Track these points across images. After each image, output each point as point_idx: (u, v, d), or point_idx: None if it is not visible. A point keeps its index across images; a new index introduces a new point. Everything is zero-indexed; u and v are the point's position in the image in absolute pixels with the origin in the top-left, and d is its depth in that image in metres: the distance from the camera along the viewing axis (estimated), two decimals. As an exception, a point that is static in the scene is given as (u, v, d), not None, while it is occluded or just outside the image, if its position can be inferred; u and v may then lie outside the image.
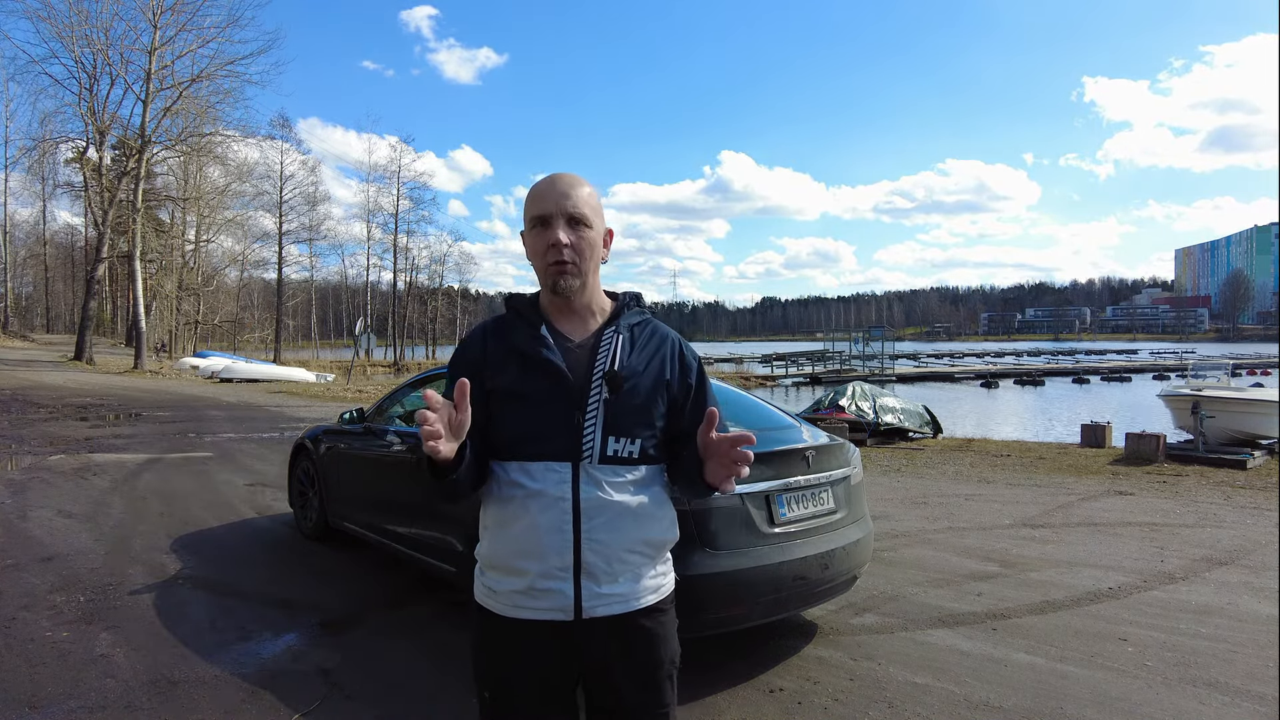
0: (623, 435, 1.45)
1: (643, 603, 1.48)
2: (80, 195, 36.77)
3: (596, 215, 1.49)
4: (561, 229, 1.45)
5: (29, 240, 59.73)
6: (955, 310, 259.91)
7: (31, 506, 6.49)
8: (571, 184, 1.48)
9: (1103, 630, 3.87)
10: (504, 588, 1.46)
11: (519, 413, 1.45)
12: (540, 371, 1.45)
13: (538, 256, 1.48)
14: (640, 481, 1.48)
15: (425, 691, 3.16)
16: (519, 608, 1.45)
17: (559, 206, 1.45)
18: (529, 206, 1.49)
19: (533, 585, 1.43)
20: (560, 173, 1.51)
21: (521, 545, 1.43)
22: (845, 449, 3.86)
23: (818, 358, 49.51)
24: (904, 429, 13.26)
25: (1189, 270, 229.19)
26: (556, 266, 1.45)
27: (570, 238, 1.45)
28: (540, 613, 1.44)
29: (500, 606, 1.47)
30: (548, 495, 1.41)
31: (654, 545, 1.50)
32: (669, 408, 1.53)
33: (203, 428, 12.39)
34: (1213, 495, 7.48)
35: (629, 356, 1.49)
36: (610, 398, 1.44)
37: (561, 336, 1.50)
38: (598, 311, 1.55)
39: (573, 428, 1.42)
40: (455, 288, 56.92)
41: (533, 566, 1.42)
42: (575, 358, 1.47)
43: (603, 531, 1.43)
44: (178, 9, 28.97)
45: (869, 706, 3.07)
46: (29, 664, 3.37)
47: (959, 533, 6.03)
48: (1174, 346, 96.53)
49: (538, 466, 1.42)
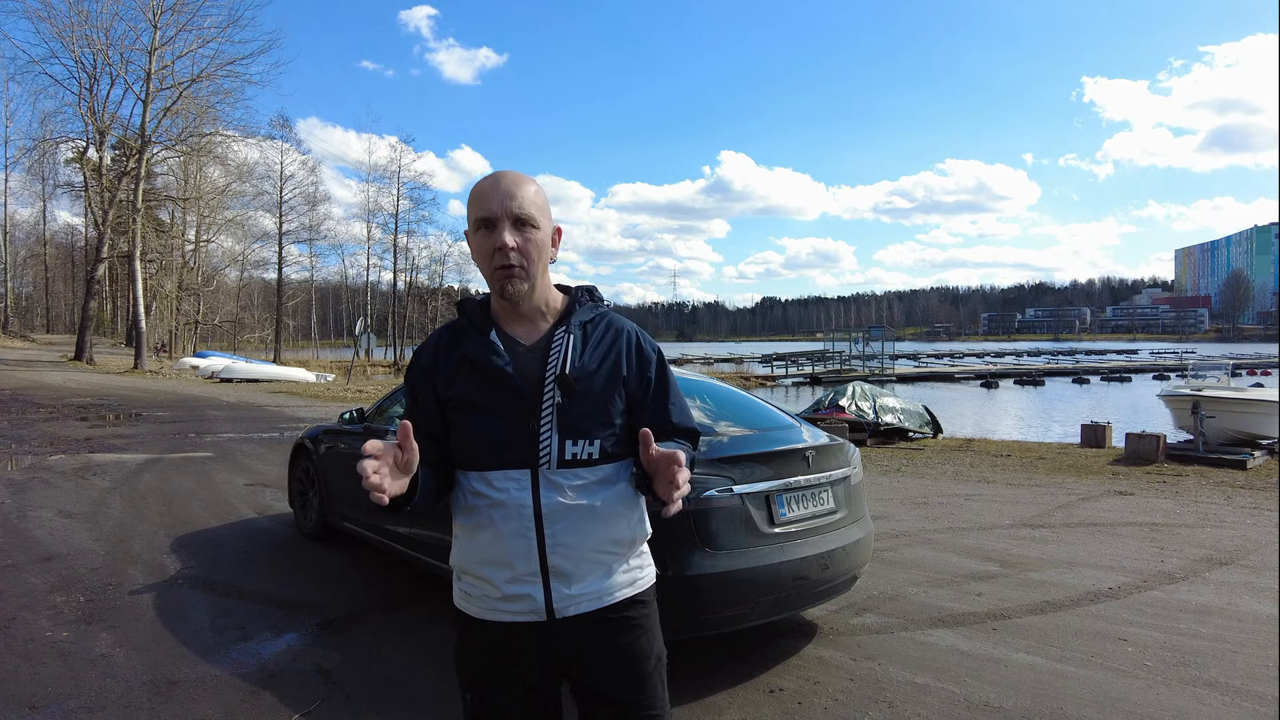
0: (580, 437, 1.42)
1: (616, 597, 1.47)
2: (80, 195, 36.80)
3: (543, 215, 1.44)
4: (507, 231, 1.39)
5: (29, 240, 59.74)
6: (955, 310, 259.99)
7: (31, 506, 6.49)
8: (516, 183, 1.42)
9: (1103, 630, 3.87)
10: (477, 592, 1.47)
11: (474, 422, 1.43)
12: (491, 379, 1.42)
13: (484, 260, 1.42)
14: (603, 480, 1.45)
15: (425, 692, 3.16)
16: (493, 611, 1.45)
17: (504, 208, 1.39)
18: (472, 207, 1.43)
19: (503, 591, 1.43)
20: (504, 170, 1.45)
21: (488, 553, 1.43)
22: (845, 449, 3.86)
23: (818, 358, 49.48)
24: (904, 429, 13.26)
25: (1189, 270, 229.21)
26: (503, 271, 1.40)
27: (516, 240, 1.39)
28: (514, 615, 1.44)
29: (476, 610, 1.48)
30: (509, 504, 1.40)
31: (622, 544, 1.48)
32: (628, 404, 1.49)
33: (203, 428, 12.39)
34: (1213, 495, 7.48)
35: (580, 356, 1.45)
36: (564, 401, 1.41)
37: (512, 341, 1.46)
38: (549, 312, 1.50)
39: (528, 434, 1.40)
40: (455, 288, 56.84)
41: (501, 574, 1.43)
42: (526, 362, 1.44)
43: (567, 535, 1.41)
44: (178, 9, 28.99)
45: (869, 707, 3.07)
46: (29, 664, 3.37)
47: (959, 533, 6.03)
48: (1174, 346, 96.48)
49: (497, 475, 1.41)
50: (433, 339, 1.53)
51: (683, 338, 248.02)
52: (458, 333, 1.50)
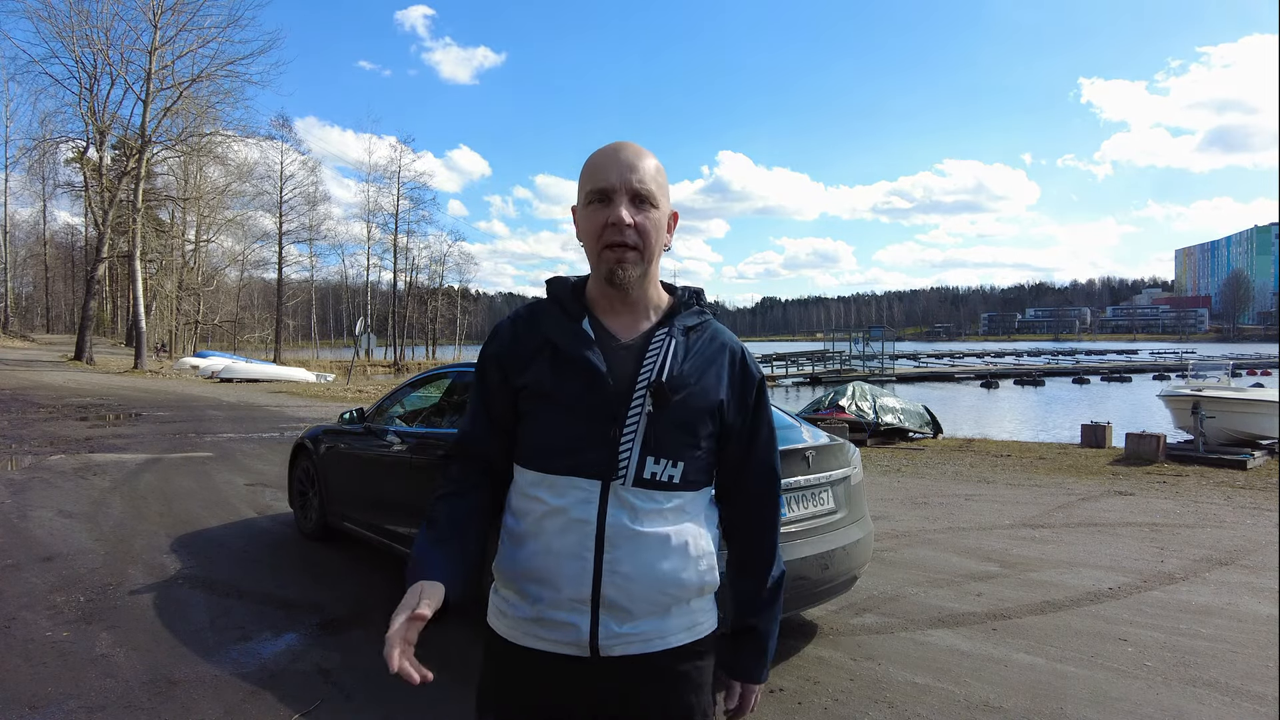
0: (664, 456, 1.25)
1: (670, 643, 1.27)
2: (80, 195, 36.77)
3: (664, 194, 1.28)
4: (625, 206, 1.23)
5: (29, 240, 59.75)
6: (955, 310, 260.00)
7: (31, 506, 6.49)
8: (638, 154, 1.26)
9: (1103, 630, 3.87)
10: (514, 612, 1.28)
11: (548, 417, 1.26)
12: (575, 372, 1.25)
13: (591, 237, 1.26)
14: (679, 509, 1.27)
15: (426, 692, 3.16)
16: (528, 635, 1.27)
17: (623, 180, 1.23)
18: (587, 178, 1.27)
19: (541, 615, 1.25)
20: (623, 141, 1.29)
21: (533, 568, 1.25)
22: (845, 449, 3.86)
23: (818, 358, 49.48)
24: (904, 429, 13.26)
25: (1189, 270, 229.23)
26: (616, 250, 1.24)
27: (635, 217, 1.23)
28: (551, 644, 1.25)
29: (509, 631, 1.29)
30: (569, 515, 1.23)
31: (687, 589, 1.28)
32: (720, 429, 1.33)
33: (203, 428, 12.38)
34: (1213, 495, 7.48)
35: (680, 364, 1.27)
36: (654, 411, 1.24)
37: (606, 334, 1.29)
38: (651, 308, 1.33)
39: (608, 441, 1.23)
40: (455, 288, 56.91)
41: (544, 594, 1.24)
42: (619, 360, 1.26)
43: (628, 564, 1.23)
44: (178, 9, 29.01)
45: (869, 707, 3.07)
46: (29, 664, 3.37)
47: (959, 533, 6.03)
48: (1174, 346, 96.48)
49: (562, 481, 1.24)
50: (510, 319, 1.36)
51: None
52: (542, 314, 1.32)
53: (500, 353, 1.33)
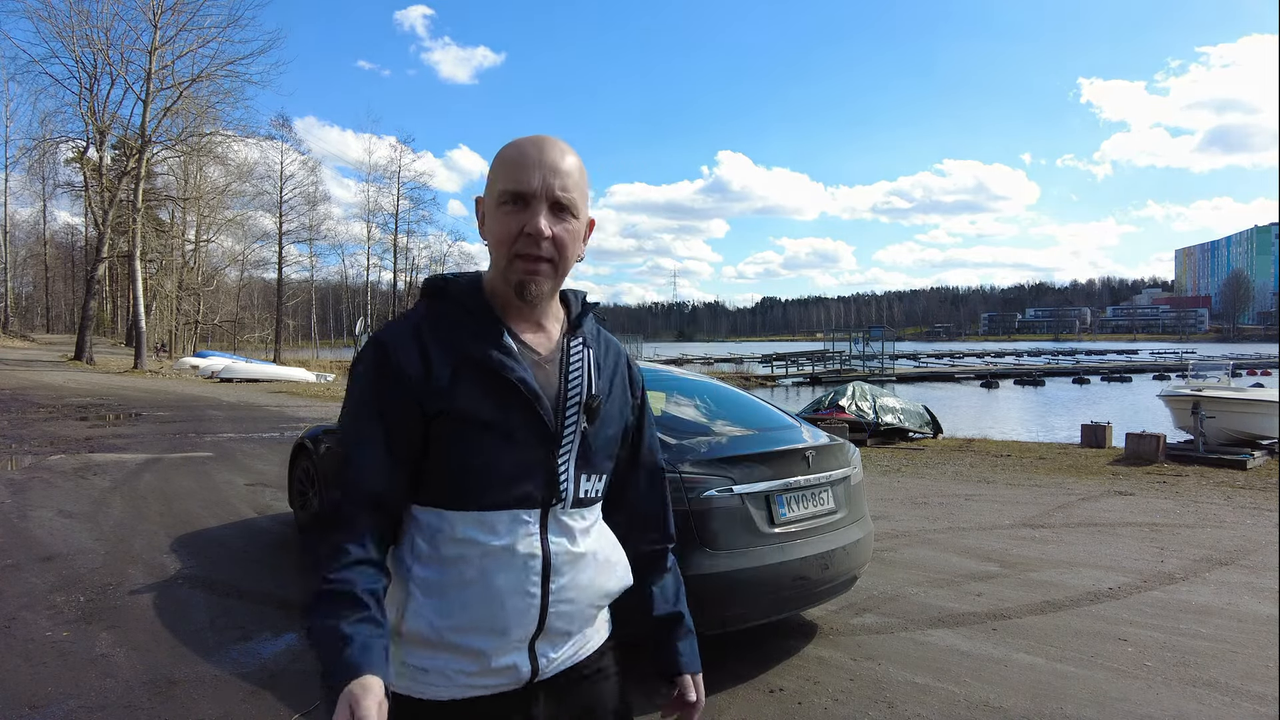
0: (594, 472, 1.20)
1: (593, 646, 1.27)
2: (80, 195, 36.77)
3: (584, 201, 1.18)
4: (544, 215, 1.12)
5: (29, 240, 59.75)
6: (955, 310, 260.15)
7: (31, 506, 6.49)
8: (562, 155, 1.15)
9: (1103, 630, 3.87)
10: (444, 667, 1.12)
11: (481, 447, 1.11)
12: (512, 394, 1.12)
13: (502, 242, 1.13)
14: (597, 521, 1.25)
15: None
16: (470, 688, 1.13)
17: (545, 185, 1.12)
18: (502, 173, 1.14)
19: (490, 664, 1.13)
20: (545, 136, 1.16)
21: (474, 619, 1.11)
22: (845, 449, 3.86)
23: (818, 358, 49.50)
24: (904, 429, 13.26)
25: (1189, 270, 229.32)
26: (529, 262, 1.13)
27: (554, 228, 1.13)
28: (489, 689, 1.14)
29: (434, 689, 1.13)
30: (514, 552, 1.11)
31: (614, 595, 1.27)
32: (622, 436, 1.30)
33: (203, 428, 12.38)
34: (1213, 495, 7.48)
35: (599, 376, 1.22)
36: (587, 428, 1.18)
37: (526, 347, 1.17)
38: (554, 316, 1.24)
39: (547, 467, 1.14)
40: (455, 288, 56.85)
41: (490, 643, 1.12)
42: (545, 376, 1.17)
43: (572, 589, 1.17)
44: (178, 9, 29.00)
45: (869, 707, 3.07)
46: (29, 664, 3.37)
47: (959, 533, 6.03)
48: (1174, 346, 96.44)
49: (502, 517, 1.11)
50: (408, 328, 1.14)
51: (682, 338, 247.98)
52: (448, 324, 1.15)
53: (406, 373, 1.10)
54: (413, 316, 1.16)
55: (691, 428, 3.68)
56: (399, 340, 1.12)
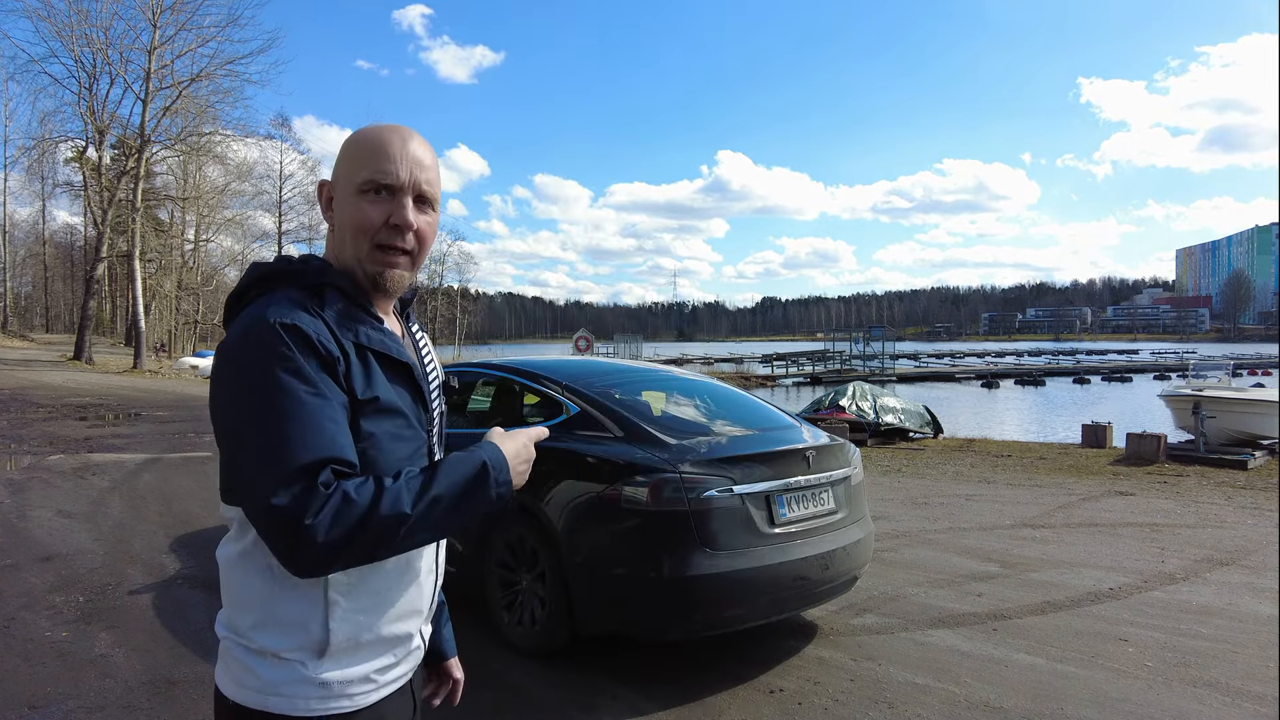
0: (444, 450, 1.22)
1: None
2: (80, 195, 36.78)
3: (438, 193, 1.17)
4: (411, 209, 1.11)
5: (28, 240, 59.76)
6: (955, 310, 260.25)
7: (31, 506, 6.48)
8: (424, 146, 1.13)
9: (1103, 630, 3.87)
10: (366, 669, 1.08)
11: (395, 434, 1.08)
12: (408, 379, 1.12)
13: (362, 231, 1.09)
14: None
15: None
16: (383, 685, 1.11)
17: (413, 178, 1.10)
18: (364, 161, 1.10)
19: (405, 651, 1.14)
20: (403, 126, 1.15)
21: (402, 603, 1.12)
22: (846, 449, 3.86)
23: (818, 358, 49.53)
24: (904, 429, 13.26)
25: (1190, 270, 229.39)
26: (390, 253, 1.10)
27: (419, 221, 1.12)
28: (399, 681, 1.14)
29: (374, 694, 1.10)
30: None
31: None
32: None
33: (202, 427, 12.37)
34: (1213, 496, 7.48)
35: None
36: (444, 409, 1.24)
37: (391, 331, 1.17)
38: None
39: (429, 448, 1.16)
40: (455, 287, 56.89)
41: (412, 626, 1.14)
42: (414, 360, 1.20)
43: (442, 559, 1.23)
44: (177, 8, 28.98)
45: (869, 707, 3.06)
46: (29, 664, 3.37)
47: (959, 533, 6.03)
48: (1175, 346, 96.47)
49: None
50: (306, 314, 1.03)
51: (682, 338, 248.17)
52: (336, 309, 1.08)
53: (335, 355, 1.02)
54: (295, 299, 1.05)
55: (691, 428, 3.68)
56: (308, 324, 1.01)
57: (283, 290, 1.07)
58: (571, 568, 3.29)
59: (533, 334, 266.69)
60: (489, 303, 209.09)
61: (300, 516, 0.89)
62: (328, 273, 1.10)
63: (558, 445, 3.47)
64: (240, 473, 0.98)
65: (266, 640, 1.04)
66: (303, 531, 0.90)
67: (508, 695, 3.14)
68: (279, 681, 1.04)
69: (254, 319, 1.01)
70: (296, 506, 0.90)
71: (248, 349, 0.99)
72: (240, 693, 1.08)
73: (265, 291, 1.08)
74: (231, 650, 1.08)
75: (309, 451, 0.93)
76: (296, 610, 1.03)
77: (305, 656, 1.04)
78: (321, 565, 0.93)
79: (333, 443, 0.96)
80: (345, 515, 0.91)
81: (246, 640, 1.06)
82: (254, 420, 0.95)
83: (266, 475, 0.92)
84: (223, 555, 1.10)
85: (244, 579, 1.06)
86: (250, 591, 1.05)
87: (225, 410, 1.00)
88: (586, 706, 3.05)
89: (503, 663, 3.42)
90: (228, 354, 1.02)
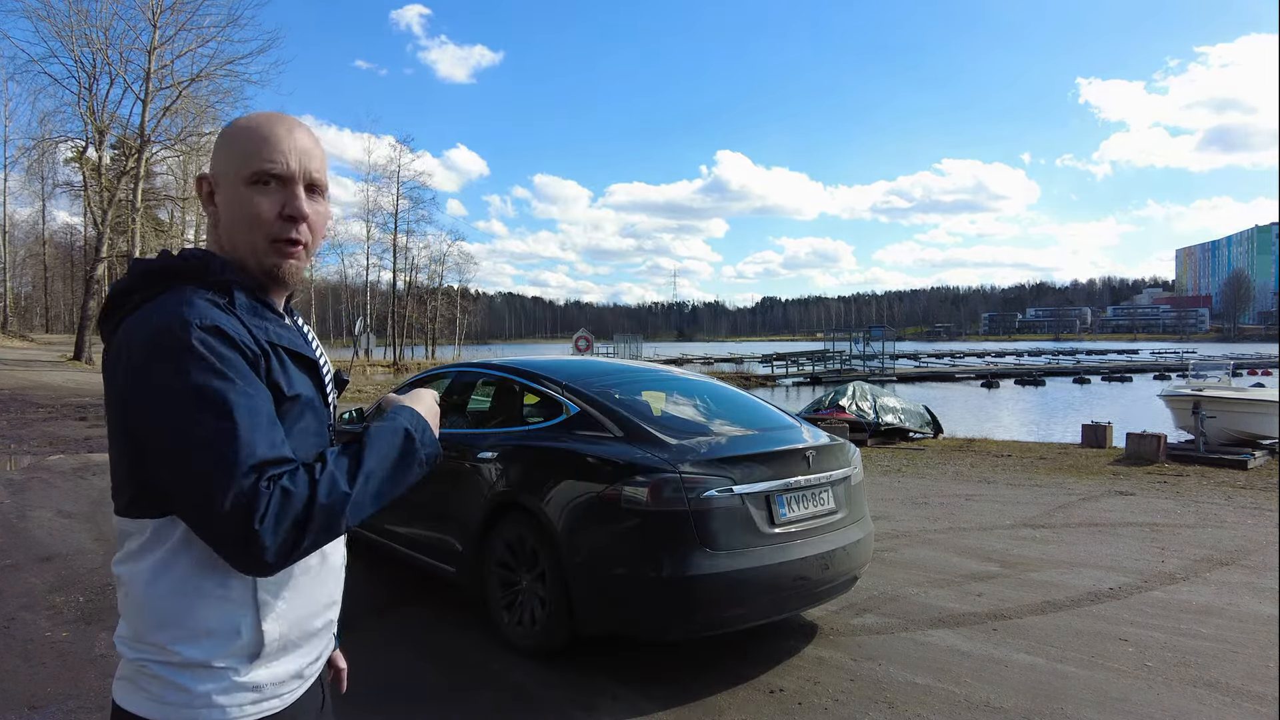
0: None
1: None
2: (79, 195, 36.68)
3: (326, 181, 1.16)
4: (303, 198, 1.09)
5: (28, 240, 59.75)
6: (955, 310, 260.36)
7: (31, 506, 6.49)
8: (310, 135, 1.11)
9: (1103, 630, 3.87)
10: (291, 667, 1.08)
11: (309, 428, 1.09)
12: (312, 374, 1.13)
13: (255, 224, 1.06)
14: None
15: (425, 692, 3.16)
16: (309, 679, 1.13)
17: (302, 167, 1.08)
18: (249, 151, 1.07)
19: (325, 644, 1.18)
20: (285, 114, 1.12)
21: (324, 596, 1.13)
22: (846, 449, 3.86)
23: (818, 358, 49.49)
24: (904, 429, 13.26)
25: (1190, 270, 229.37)
26: (288, 246, 1.08)
27: (311, 210, 1.10)
28: (317, 669, 1.16)
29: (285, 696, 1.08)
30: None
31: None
32: None
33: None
34: (1213, 495, 7.48)
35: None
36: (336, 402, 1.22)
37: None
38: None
39: (329, 439, 1.17)
40: (455, 287, 56.87)
41: (331, 617, 1.17)
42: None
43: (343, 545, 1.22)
44: (177, 8, 28.98)
45: (869, 707, 3.06)
46: (29, 664, 3.37)
47: (959, 533, 6.03)
48: (1175, 346, 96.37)
49: None
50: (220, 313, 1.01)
51: (683, 338, 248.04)
52: (245, 306, 1.06)
53: (255, 352, 1.01)
54: (206, 298, 1.02)
55: (691, 428, 3.68)
56: (228, 324, 0.99)
57: (189, 289, 1.02)
58: (571, 568, 3.29)
59: (533, 334, 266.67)
60: (489, 303, 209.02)
61: (250, 520, 0.89)
62: (229, 270, 1.06)
63: (558, 445, 3.47)
64: (179, 482, 0.95)
65: (194, 652, 1.00)
66: (254, 535, 0.89)
67: (508, 695, 3.14)
68: (211, 692, 1.01)
69: (172, 320, 0.97)
70: (248, 509, 0.90)
71: (172, 353, 0.95)
72: (163, 710, 1.01)
73: (161, 291, 1.03)
74: (147, 669, 1.01)
75: (254, 454, 0.92)
76: (225, 617, 1.01)
77: (237, 662, 1.02)
78: (280, 561, 0.93)
79: (272, 442, 0.96)
80: (289, 508, 0.92)
81: (167, 656, 1.01)
82: (191, 427, 0.93)
83: (211, 482, 0.91)
84: (128, 570, 1.03)
85: (161, 592, 1.01)
86: (169, 604, 1.01)
87: (150, 418, 0.96)
88: (587, 706, 3.05)
89: (503, 663, 3.42)
90: (146, 357, 0.96)
